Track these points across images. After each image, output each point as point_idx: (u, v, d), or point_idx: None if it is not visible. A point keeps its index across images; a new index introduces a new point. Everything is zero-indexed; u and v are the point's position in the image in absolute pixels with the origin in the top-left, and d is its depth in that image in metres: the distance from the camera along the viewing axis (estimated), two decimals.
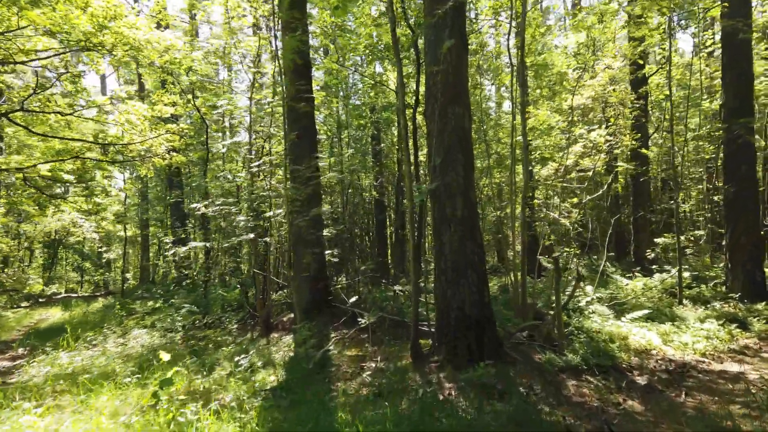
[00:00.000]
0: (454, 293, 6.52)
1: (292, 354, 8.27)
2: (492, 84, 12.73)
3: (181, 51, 10.78)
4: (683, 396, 5.70)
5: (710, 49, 12.68)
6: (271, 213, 8.87)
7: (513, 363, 6.57)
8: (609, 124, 10.86)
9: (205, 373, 7.75)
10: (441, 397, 5.57)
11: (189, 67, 10.91)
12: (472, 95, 11.24)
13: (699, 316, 8.94)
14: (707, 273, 11.54)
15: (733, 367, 6.74)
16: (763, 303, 9.27)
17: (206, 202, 9.66)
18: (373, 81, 12.47)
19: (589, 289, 9.80)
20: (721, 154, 13.37)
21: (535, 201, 12.74)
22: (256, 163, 9.95)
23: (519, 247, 8.76)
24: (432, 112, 6.64)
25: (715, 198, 14.08)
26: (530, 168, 15.38)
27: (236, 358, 7.81)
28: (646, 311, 8.52)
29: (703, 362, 6.95)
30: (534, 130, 10.62)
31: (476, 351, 6.39)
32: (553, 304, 8.99)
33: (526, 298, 8.28)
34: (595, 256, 15.57)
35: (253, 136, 11.37)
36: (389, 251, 17.66)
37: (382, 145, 16.20)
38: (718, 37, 11.35)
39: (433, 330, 7.30)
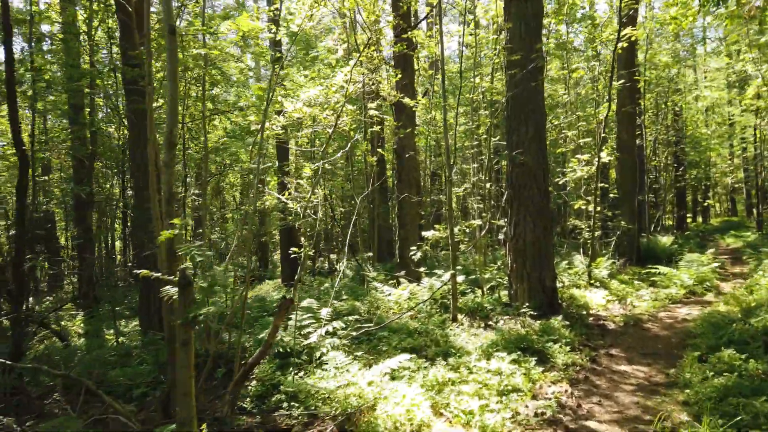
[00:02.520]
0: None
1: None
2: None
3: None
4: None
5: None
6: None
7: None
8: (360, 55, 7.22)
9: None
10: None
11: None
12: None
13: (483, 345, 5.82)
14: (484, 274, 8.88)
15: None
16: (558, 318, 6.62)
17: None
18: None
19: (324, 312, 5.97)
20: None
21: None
22: None
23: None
24: None
25: (487, 186, 11.90)
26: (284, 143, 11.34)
27: None
28: (405, 356, 4.99)
29: None
30: None
31: None
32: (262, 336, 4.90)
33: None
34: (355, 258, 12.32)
35: None
36: None
37: None
38: None
39: None
